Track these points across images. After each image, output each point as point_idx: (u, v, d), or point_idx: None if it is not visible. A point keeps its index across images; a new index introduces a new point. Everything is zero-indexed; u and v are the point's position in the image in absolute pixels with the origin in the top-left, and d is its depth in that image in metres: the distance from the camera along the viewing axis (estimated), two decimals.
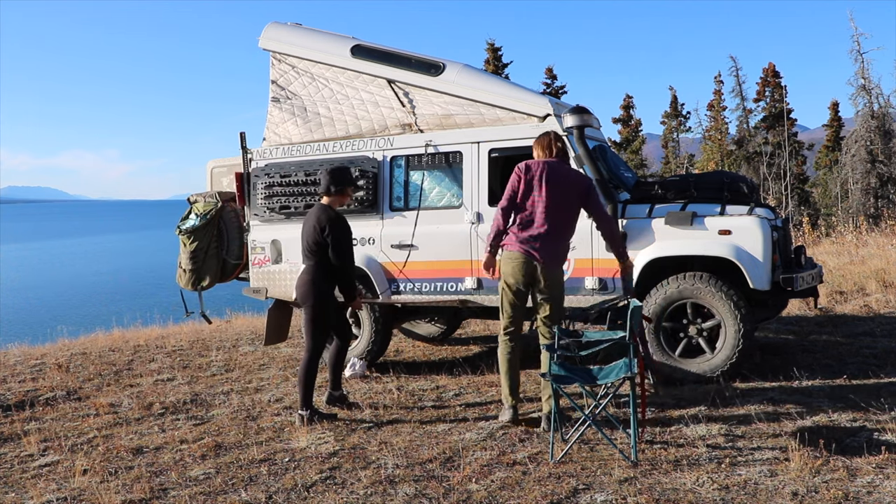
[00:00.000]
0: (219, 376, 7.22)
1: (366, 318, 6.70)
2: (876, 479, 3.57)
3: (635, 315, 4.28)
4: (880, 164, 26.07)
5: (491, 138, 6.19)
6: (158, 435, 5.28)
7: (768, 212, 5.71)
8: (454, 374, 6.45)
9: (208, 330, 9.96)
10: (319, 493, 3.91)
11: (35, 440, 5.30)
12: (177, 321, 11.41)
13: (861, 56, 25.91)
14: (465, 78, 6.32)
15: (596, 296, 5.82)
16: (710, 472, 3.79)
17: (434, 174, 6.48)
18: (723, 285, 5.43)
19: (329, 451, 4.55)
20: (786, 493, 3.48)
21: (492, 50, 33.15)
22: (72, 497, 4.13)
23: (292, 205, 6.90)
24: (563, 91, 35.25)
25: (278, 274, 6.97)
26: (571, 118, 5.83)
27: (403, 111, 6.59)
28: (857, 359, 6.11)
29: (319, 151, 6.85)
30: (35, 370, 7.96)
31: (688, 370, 5.56)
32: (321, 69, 6.92)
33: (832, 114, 38.94)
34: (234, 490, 4.04)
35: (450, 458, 4.29)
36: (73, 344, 9.92)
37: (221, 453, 4.72)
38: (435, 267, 6.36)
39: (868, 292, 9.03)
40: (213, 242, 7.21)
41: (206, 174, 7.99)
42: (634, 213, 5.78)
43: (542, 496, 3.62)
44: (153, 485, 4.22)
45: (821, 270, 6.07)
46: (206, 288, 7.33)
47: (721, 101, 35.91)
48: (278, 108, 7.10)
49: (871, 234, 15.65)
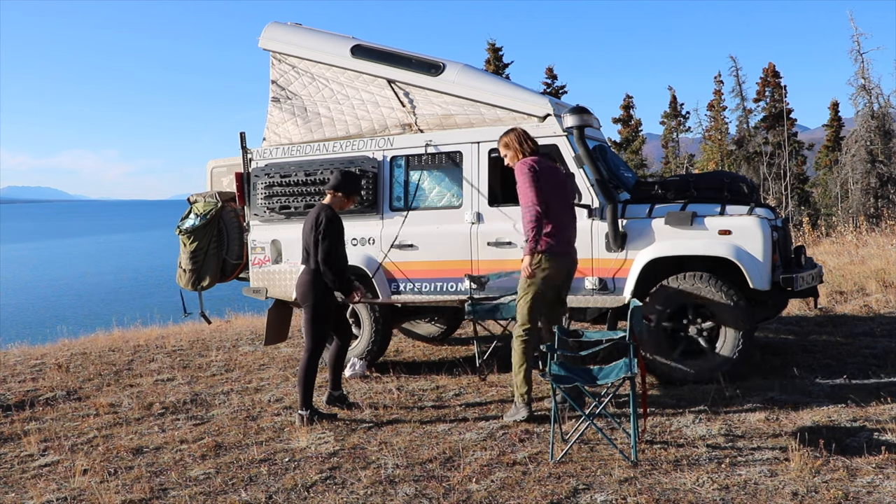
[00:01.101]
0: (219, 376, 7.22)
1: (366, 318, 6.70)
2: (876, 479, 3.57)
3: (636, 315, 4.28)
4: (880, 164, 26.07)
5: (491, 138, 6.18)
6: (158, 435, 5.28)
7: (768, 212, 5.71)
8: (454, 374, 6.45)
9: (208, 330, 9.96)
10: (319, 493, 3.91)
11: (35, 440, 5.30)
12: (177, 321, 11.42)
13: (861, 56, 25.92)
14: (466, 78, 6.32)
15: (595, 296, 5.82)
16: (710, 472, 3.79)
17: (434, 174, 6.48)
18: (723, 285, 5.43)
19: (329, 451, 4.55)
20: (786, 493, 3.48)
21: (492, 50, 33.17)
22: (72, 497, 4.13)
23: (292, 205, 6.90)
24: (563, 91, 35.27)
25: (278, 274, 6.98)
26: (571, 118, 5.83)
27: (403, 111, 6.59)
28: (857, 359, 6.11)
29: (319, 151, 6.85)
30: (35, 370, 7.96)
31: (688, 370, 5.56)
32: (321, 69, 6.92)
33: (832, 114, 38.94)
34: (234, 490, 4.04)
35: (450, 458, 4.29)
36: (73, 344, 9.92)
37: (221, 453, 4.72)
38: (435, 267, 6.36)
39: (868, 292, 9.03)
40: (213, 242, 7.21)
41: (206, 174, 8.00)
42: (634, 213, 5.77)
43: (542, 496, 3.62)
44: (153, 485, 4.22)
45: (821, 270, 6.07)
46: (206, 288, 7.33)
47: (721, 101, 35.94)
48: (278, 108, 7.10)
49: (871, 234, 15.65)
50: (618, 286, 5.75)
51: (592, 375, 4.34)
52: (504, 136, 5.00)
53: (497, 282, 6.11)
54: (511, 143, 4.93)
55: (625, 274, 5.70)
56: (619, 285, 5.75)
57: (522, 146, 4.90)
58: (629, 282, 5.67)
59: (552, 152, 6.00)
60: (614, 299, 5.75)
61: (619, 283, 5.74)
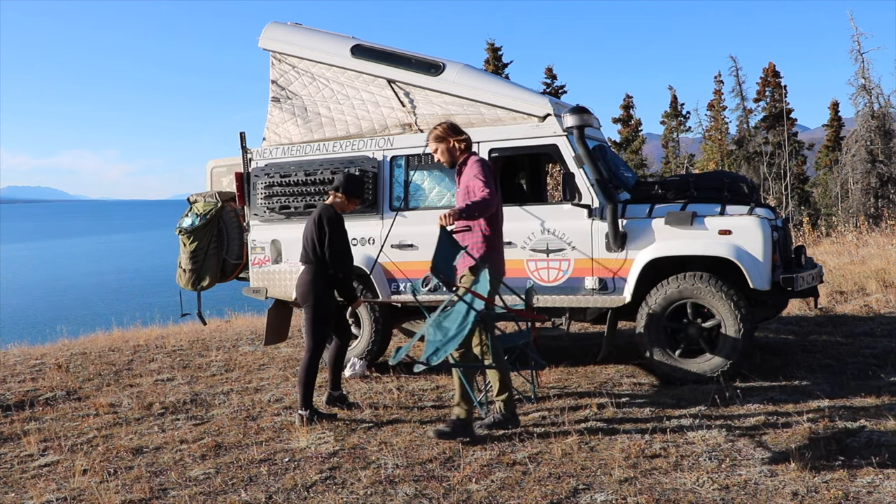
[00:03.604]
0: (219, 376, 7.22)
1: (366, 318, 6.70)
2: (876, 479, 3.57)
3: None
4: (880, 164, 26.07)
5: (491, 138, 6.19)
6: (158, 435, 5.28)
7: (768, 212, 5.71)
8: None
9: (208, 330, 9.96)
10: (319, 493, 3.91)
11: (35, 440, 5.30)
12: (177, 321, 11.42)
13: (861, 56, 25.93)
14: (466, 78, 6.32)
15: (595, 296, 5.82)
16: (710, 472, 3.79)
17: (434, 174, 6.47)
18: (723, 285, 5.43)
19: (329, 451, 4.55)
20: (786, 493, 3.48)
21: (492, 50, 33.18)
22: (72, 497, 4.13)
23: (292, 205, 6.90)
24: (563, 91, 35.28)
25: (278, 274, 6.97)
26: (571, 118, 5.83)
27: (403, 111, 6.59)
28: (857, 359, 6.11)
29: (319, 151, 6.85)
30: (35, 370, 7.96)
31: (688, 370, 5.56)
32: (321, 69, 6.92)
33: (832, 114, 38.96)
34: (234, 490, 4.04)
35: (450, 458, 4.29)
36: (73, 344, 9.93)
37: (221, 453, 4.72)
38: None
39: (868, 292, 9.03)
40: (213, 242, 7.21)
41: (206, 174, 8.00)
42: (634, 213, 5.78)
43: (542, 496, 3.62)
44: (153, 485, 4.21)
45: (821, 270, 6.07)
46: (205, 288, 7.33)
47: (721, 101, 35.96)
48: (278, 108, 7.10)
49: (871, 234, 15.66)
50: (618, 286, 5.75)
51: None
52: (435, 129, 4.82)
53: None
54: (445, 138, 4.77)
55: (625, 274, 5.70)
56: (619, 285, 5.75)
57: (466, 142, 4.78)
58: (629, 282, 5.67)
59: (552, 152, 6.01)
60: (614, 299, 5.75)
61: (619, 284, 5.74)
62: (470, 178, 4.65)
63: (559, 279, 5.93)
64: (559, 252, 5.90)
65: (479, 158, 4.74)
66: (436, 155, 4.88)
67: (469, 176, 4.67)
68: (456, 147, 4.79)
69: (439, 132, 4.80)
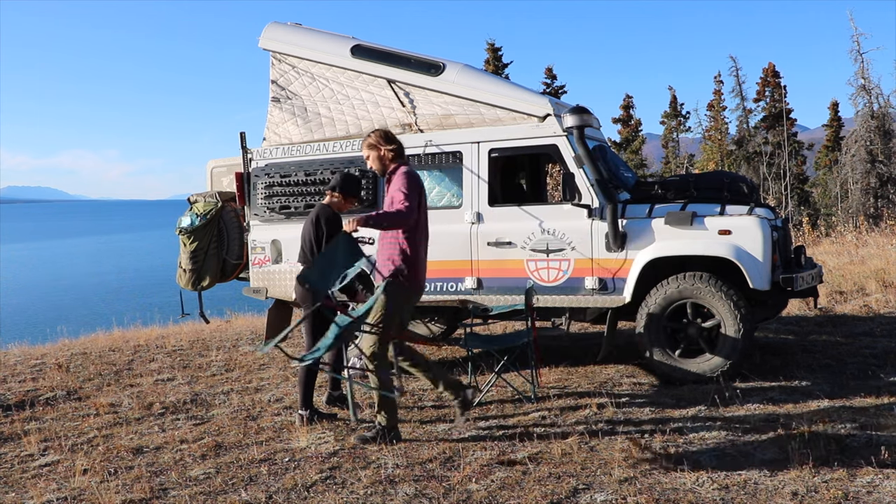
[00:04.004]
0: (219, 376, 7.22)
1: None
2: (876, 479, 3.57)
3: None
4: (880, 164, 26.06)
5: (491, 138, 6.19)
6: (158, 435, 5.28)
7: (768, 212, 5.71)
8: (454, 374, 6.44)
9: (208, 330, 9.96)
10: (319, 493, 3.91)
11: (35, 440, 5.30)
12: (177, 321, 11.42)
13: (861, 56, 25.89)
14: (465, 78, 6.32)
15: (595, 296, 5.82)
16: (710, 472, 3.79)
17: (434, 174, 6.48)
18: (723, 285, 5.43)
19: (329, 451, 4.55)
20: (786, 493, 3.48)
21: (492, 50, 33.16)
22: (72, 497, 4.13)
23: (292, 205, 6.90)
24: (563, 91, 35.27)
25: (278, 274, 6.97)
26: (571, 118, 5.83)
27: (403, 111, 6.59)
28: (857, 359, 6.11)
29: (319, 151, 6.85)
30: (35, 370, 7.97)
31: (688, 370, 5.56)
32: (321, 69, 6.92)
33: (832, 114, 38.96)
34: (234, 490, 4.04)
35: (450, 458, 4.29)
36: (74, 344, 9.92)
37: (221, 453, 4.73)
38: (435, 267, 6.35)
39: (868, 292, 9.03)
40: (213, 242, 7.21)
41: (206, 174, 8.00)
42: (634, 213, 5.78)
43: (542, 496, 3.62)
44: (153, 485, 4.22)
45: (821, 270, 6.08)
46: (206, 288, 7.33)
47: (721, 101, 35.93)
48: (278, 108, 7.10)
49: (871, 234, 15.66)
50: (618, 286, 5.76)
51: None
52: (368, 137, 4.81)
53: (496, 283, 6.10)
54: (380, 146, 4.75)
55: (625, 274, 5.71)
56: (619, 285, 5.75)
57: (399, 151, 4.76)
58: (629, 282, 5.67)
59: (552, 152, 6.02)
60: (614, 299, 5.75)
61: (619, 284, 5.74)
62: (395, 190, 4.65)
63: (559, 279, 5.94)
64: (559, 252, 5.91)
65: (407, 171, 4.70)
66: (368, 162, 4.86)
67: (395, 187, 4.66)
68: (386, 155, 4.78)
69: (372, 140, 4.79)
